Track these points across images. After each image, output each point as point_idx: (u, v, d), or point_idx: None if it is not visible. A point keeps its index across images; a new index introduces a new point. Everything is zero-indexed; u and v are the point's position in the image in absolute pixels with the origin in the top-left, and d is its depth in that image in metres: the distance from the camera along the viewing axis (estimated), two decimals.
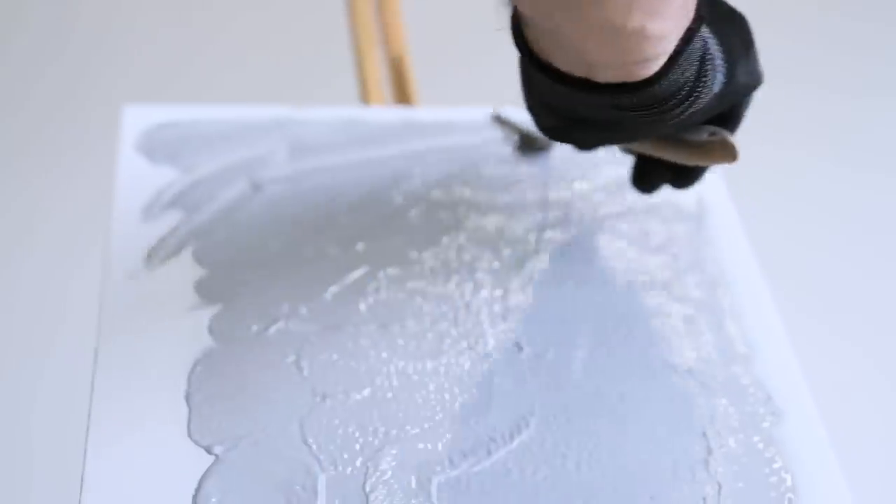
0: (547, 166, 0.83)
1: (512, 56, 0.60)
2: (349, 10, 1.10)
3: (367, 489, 0.59)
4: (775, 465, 0.65)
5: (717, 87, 0.60)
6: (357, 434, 0.62)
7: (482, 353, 0.68)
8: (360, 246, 0.75)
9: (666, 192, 0.76)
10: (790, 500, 0.63)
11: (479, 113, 0.88)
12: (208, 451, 0.60)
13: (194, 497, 0.58)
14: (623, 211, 0.81)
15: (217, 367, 0.65)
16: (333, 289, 0.71)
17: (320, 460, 0.60)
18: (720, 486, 0.63)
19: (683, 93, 0.57)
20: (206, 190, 0.77)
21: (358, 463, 0.60)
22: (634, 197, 0.79)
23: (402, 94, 0.97)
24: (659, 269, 0.76)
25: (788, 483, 0.64)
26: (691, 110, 0.59)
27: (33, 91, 1.89)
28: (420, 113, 0.88)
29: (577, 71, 0.55)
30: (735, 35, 0.63)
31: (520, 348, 0.69)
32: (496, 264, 0.74)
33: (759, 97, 0.67)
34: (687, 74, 0.56)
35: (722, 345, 0.71)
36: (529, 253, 0.76)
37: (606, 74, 0.54)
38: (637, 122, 0.59)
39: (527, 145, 0.83)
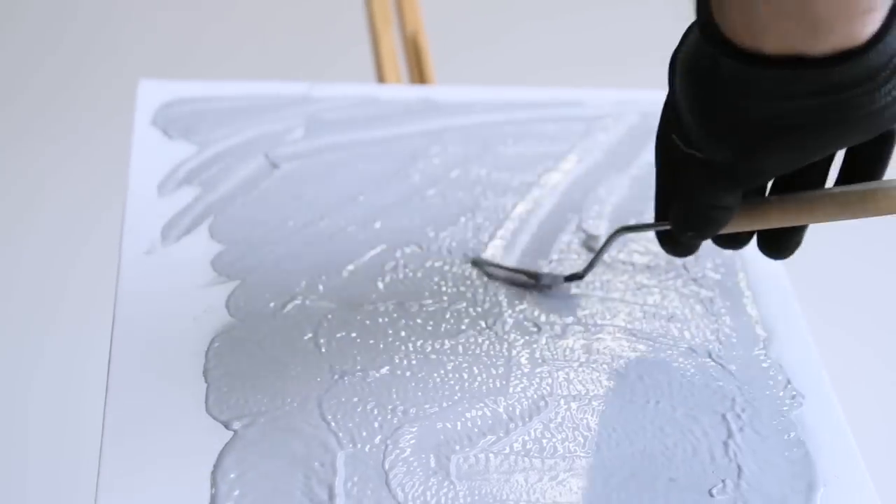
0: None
1: (527, 33, 0.58)
2: None
3: (387, 466, 0.59)
4: (795, 449, 0.64)
5: None
6: (376, 412, 0.62)
7: (500, 332, 0.68)
8: (377, 224, 0.74)
9: None
10: (809, 483, 0.63)
11: (497, 93, 0.88)
12: (227, 426, 0.60)
13: (213, 472, 0.58)
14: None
15: (235, 343, 0.65)
16: (351, 267, 0.71)
17: (339, 437, 0.60)
18: (740, 469, 0.62)
19: (893, 65, 0.52)
20: (223, 166, 0.77)
21: (377, 440, 0.60)
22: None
23: (418, 74, 0.96)
24: None
25: (808, 466, 0.63)
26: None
27: (50, 65, 1.89)
28: (437, 92, 0.87)
29: (795, 42, 0.51)
30: None
31: (538, 328, 0.68)
32: None
33: None
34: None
35: (741, 327, 0.71)
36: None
37: (828, 41, 0.50)
38: (839, 113, 0.53)
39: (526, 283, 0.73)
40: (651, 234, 0.74)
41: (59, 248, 1.61)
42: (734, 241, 0.66)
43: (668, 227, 0.63)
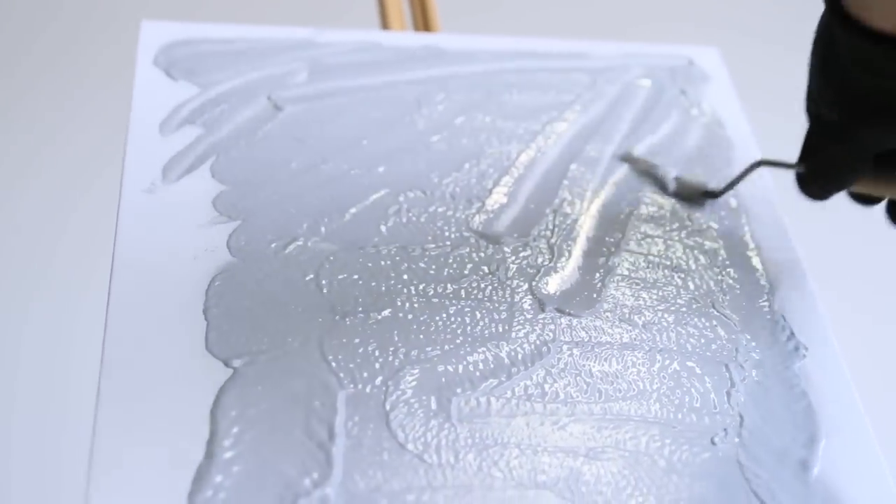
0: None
1: None
2: None
3: (388, 407, 0.58)
4: (797, 400, 0.64)
5: None
6: (377, 353, 0.61)
7: (503, 278, 0.67)
8: (381, 168, 0.73)
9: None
10: (812, 434, 0.62)
11: (502, 42, 0.87)
12: (227, 364, 0.59)
13: (212, 410, 0.57)
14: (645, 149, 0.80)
15: (235, 282, 0.64)
16: (353, 210, 0.70)
17: (340, 377, 0.59)
18: (742, 418, 0.62)
19: None
20: (226, 107, 0.76)
21: (378, 381, 0.60)
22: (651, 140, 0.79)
23: (423, 22, 0.95)
24: (683, 203, 0.75)
25: (810, 417, 0.63)
26: None
27: (53, 6, 1.87)
28: (442, 39, 0.86)
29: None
30: None
31: (541, 274, 0.68)
32: None
33: None
34: None
35: (745, 279, 0.71)
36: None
37: None
38: None
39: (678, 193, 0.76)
40: (646, 212, 0.74)
41: (61, 186, 1.60)
42: (866, 201, 0.67)
43: (801, 170, 0.66)
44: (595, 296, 0.67)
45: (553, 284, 0.67)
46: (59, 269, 1.50)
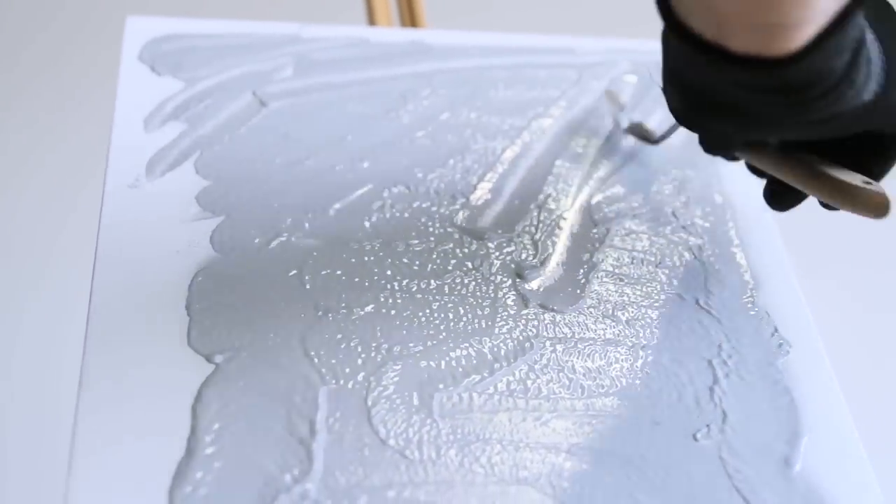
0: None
1: None
2: None
3: (369, 403, 0.58)
4: (780, 396, 0.64)
5: (867, 96, 0.53)
6: (360, 349, 0.61)
7: (487, 274, 0.67)
8: (365, 164, 0.73)
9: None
10: (794, 430, 0.62)
11: (488, 38, 0.87)
12: (208, 359, 0.59)
13: (193, 405, 0.57)
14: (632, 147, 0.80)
15: (219, 277, 0.64)
16: (337, 205, 0.70)
17: (322, 373, 0.59)
18: (725, 415, 0.62)
19: (824, 87, 0.50)
20: (210, 102, 0.76)
21: (360, 377, 0.60)
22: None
23: (409, 18, 0.95)
24: (668, 199, 0.75)
25: (793, 413, 0.63)
26: (831, 110, 0.52)
27: (37, 1, 1.87)
28: (429, 35, 0.86)
29: (709, 31, 0.48)
30: None
31: (525, 271, 0.68)
32: None
33: None
34: (833, 65, 0.49)
35: (729, 275, 0.71)
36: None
37: (739, 40, 0.48)
38: (766, 112, 0.53)
39: (638, 134, 0.80)
40: (642, 182, 0.74)
41: (45, 181, 1.60)
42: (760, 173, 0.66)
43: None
44: (579, 292, 0.67)
45: (536, 280, 0.67)
46: (41, 263, 1.50)
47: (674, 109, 0.58)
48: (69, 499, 0.52)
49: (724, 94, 0.53)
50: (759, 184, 0.75)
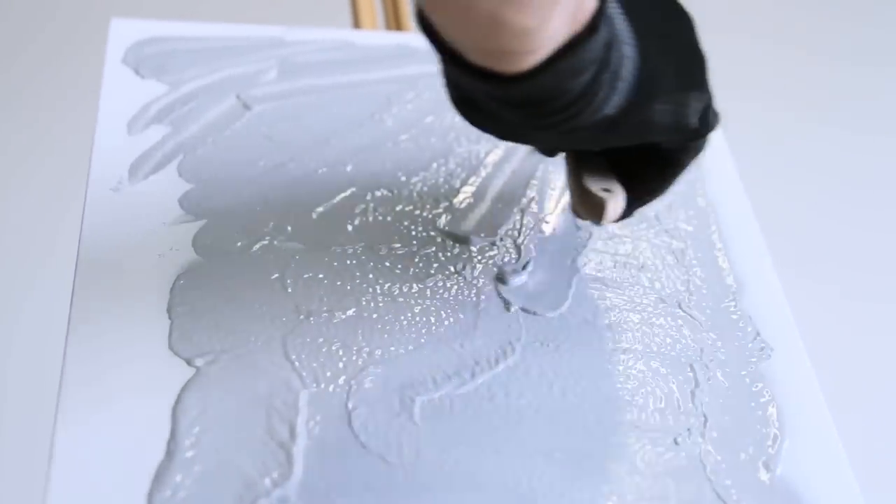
0: None
1: None
2: None
3: (350, 407, 0.58)
4: (762, 400, 0.64)
5: (610, 111, 0.53)
6: (341, 353, 0.61)
7: (469, 277, 0.67)
8: (349, 167, 0.73)
9: None
10: (775, 434, 0.62)
11: None
12: (189, 363, 0.59)
13: (173, 409, 0.57)
14: None
15: (200, 281, 0.64)
16: (320, 209, 0.70)
17: (303, 377, 0.59)
18: (706, 419, 0.62)
19: (563, 102, 0.50)
20: (194, 106, 0.76)
21: (341, 381, 0.60)
22: None
23: (394, 21, 0.95)
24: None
25: (774, 417, 0.63)
26: (571, 124, 0.52)
27: (20, 1, 1.87)
28: (414, 38, 0.86)
29: (447, 38, 0.48)
30: (671, 64, 0.55)
31: (507, 275, 0.68)
32: None
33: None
34: (567, 85, 0.49)
35: (712, 279, 0.71)
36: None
37: (470, 54, 0.48)
38: (514, 121, 0.53)
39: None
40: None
41: (27, 183, 1.60)
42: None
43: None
44: (561, 295, 0.67)
45: (519, 284, 0.67)
46: (23, 266, 1.50)
47: (453, 103, 0.57)
48: (48, 501, 0.52)
49: (478, 98, 0.53)
50: (745, 188, 0.75)
